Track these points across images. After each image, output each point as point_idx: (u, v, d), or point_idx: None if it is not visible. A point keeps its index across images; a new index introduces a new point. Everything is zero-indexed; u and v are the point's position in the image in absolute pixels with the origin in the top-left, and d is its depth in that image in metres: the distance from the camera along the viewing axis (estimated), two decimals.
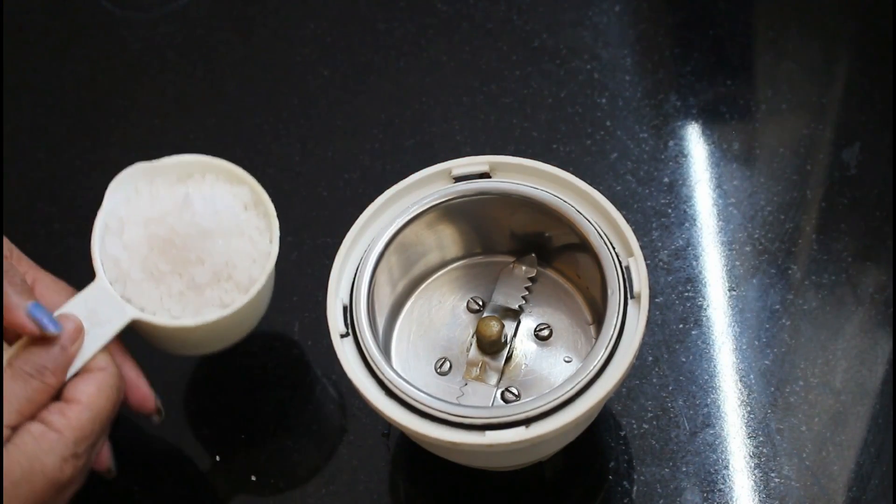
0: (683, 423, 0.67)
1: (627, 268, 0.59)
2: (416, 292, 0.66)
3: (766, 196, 0.76)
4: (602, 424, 0.67)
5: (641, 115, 0.80)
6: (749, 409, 0.67)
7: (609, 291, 0.59)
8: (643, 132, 0.79)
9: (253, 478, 0.67)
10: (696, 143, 0.79)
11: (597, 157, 0.78)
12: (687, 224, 0.75)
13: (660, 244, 0.74)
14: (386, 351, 0.62)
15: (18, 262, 0.62)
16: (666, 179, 0.77)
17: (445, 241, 0.65)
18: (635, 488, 0.65)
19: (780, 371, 0.68)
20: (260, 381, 0.71)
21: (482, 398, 0.61)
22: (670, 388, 0.68)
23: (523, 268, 0.65)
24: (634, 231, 0.60)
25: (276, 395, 0.71)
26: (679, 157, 0.78)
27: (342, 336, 0.59)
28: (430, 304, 0.65)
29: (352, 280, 0.60)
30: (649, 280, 0.58)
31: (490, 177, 0.63)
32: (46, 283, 0.62)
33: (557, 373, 0.62)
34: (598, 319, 0.60)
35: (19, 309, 0.57)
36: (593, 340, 0.62)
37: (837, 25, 0.85)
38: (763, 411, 0.67)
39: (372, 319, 0.60)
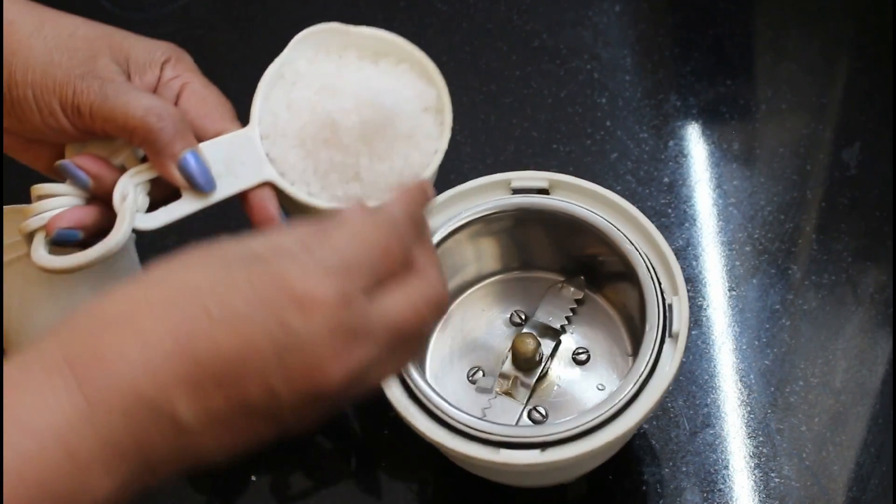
0: (683, 423, 0.67)
1: (670, 305, 0.58)
2: (458, 300, 0.65)
3: (766, 196, 0.76)
4: None
5: (641, 115, 0.80)
6: (749, 409, 0.67)
7: (647, 327, 0.58)
8: (643, 132, 0.79)
9: (253, 478, 0.67)
10: (696, 143, 0.79)
11: (597, 157, 0.78)
12: (687, 224, 0.75)
13: None
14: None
15: (176, 64, 0.57)
16: (666, 179, 0.77)
17: (484, 253, 0.65)
18: (635, 488, 0.65)
19: (780, 371, 0.68)
20: None
21: (508, 414, 0.60)
22: (670, 388, 0.68)
23: (571, 289, 0.64)
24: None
25: None
26: (679, 157, 0.78)
27: None
28: (472, 313, 0.65)
29: None
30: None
31: (549, 193, 0.63)
32: (195, 91, 0.57)
33: (588, 398, 0.61)
34: (637, 352, 0.58)
35: (171, 159, 0.53)
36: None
37: (837, 25, 0.85)
38: (763, 411, 0.67)
39: None
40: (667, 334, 0.58)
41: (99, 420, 0.38)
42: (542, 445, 0.55)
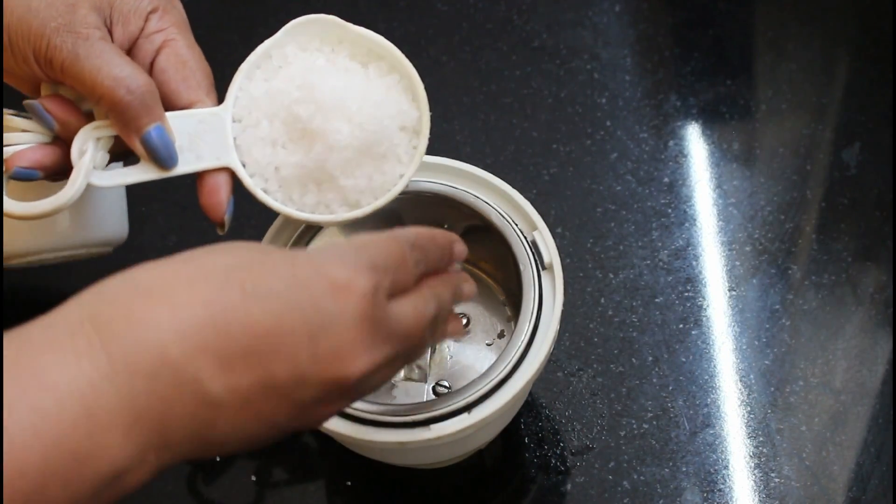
0: (683, 423, 0.67)
1: (534, 242, 0.60)
2: None
3: (766, 196, 0.76)
4: (601, 424, 0.67)
5: (641, 115, 0.80)
6: (749, 409, 0.67)
7: (521, 267, 0.59)
8: (643, 132, 0.79)
9: (253, 478, 0.67)
10: (696, 143, 0.79)
11: (597, 157, 0.78)
12: (687, 224, 0.75)
13: (660, 244, 0.74)
14: None
15: (163, 15, 0.55)
16: (666, 179, 0.77)
17: None
18: (635, 488, 0.65)
19: (780, 371, 0.68)
20: None
21: (415, 397, 0.61)
22: (670, 388, 0.68)
23: None
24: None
25: None
26: (679, 157, 0.78)
27: None
28: None
29: None
30: (648, 279, 0.58)
31: None
32: (176, 51, 0.55)
33: (482, 357, 0.63)
34: (512, 297, 0.60)
35: (135, 132, 0.52)
36: (510, 319, 0.63)
37: (837, 25, 0.85)
38: (763, 411, 0.67)
39: None
40: (541, 268, 0.59)
41: (121, 381, 0.38)
42: (468, 407, 0.55)
